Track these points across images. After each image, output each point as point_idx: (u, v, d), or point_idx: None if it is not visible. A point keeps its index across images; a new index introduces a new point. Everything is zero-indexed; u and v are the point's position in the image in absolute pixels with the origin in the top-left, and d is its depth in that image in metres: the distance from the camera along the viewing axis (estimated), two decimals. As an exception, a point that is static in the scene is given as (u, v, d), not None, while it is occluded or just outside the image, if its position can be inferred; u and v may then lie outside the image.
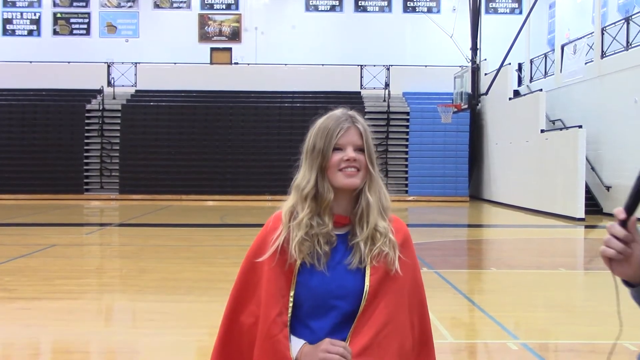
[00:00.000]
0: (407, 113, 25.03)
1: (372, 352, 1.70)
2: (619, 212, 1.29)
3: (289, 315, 1.73)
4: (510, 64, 21.58)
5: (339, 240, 1.77)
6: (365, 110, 24.54)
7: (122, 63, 26.14)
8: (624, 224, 1.28)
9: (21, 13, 28.13)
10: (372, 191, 1.77)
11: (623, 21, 18.13)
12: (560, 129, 19.02)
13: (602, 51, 18.48)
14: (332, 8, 28.34)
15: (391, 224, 1.81)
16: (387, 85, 25.58)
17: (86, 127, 24.77)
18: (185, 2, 28.28)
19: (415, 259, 1.85)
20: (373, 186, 1.78)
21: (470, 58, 19.70)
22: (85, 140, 24.65)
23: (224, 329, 1.86)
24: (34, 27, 28.17)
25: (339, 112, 1.83)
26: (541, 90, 20.17)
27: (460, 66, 21.90)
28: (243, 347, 1.81)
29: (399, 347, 1.73)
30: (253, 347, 1.77)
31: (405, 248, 1.80)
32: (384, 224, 1.77)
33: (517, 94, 23.63)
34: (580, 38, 19.76)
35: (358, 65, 26.19)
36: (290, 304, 1.73)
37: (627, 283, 1.31)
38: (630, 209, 1.28)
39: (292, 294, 1.73)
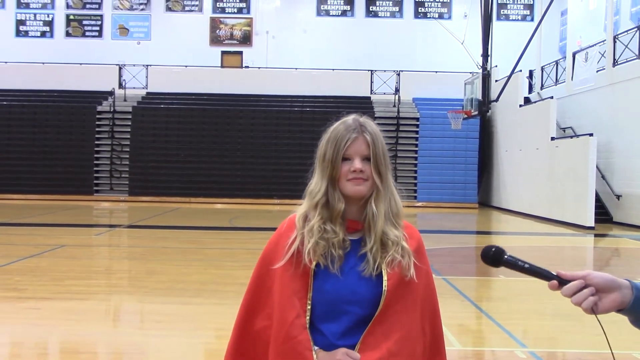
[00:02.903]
0: (417, 119, 25.01)
1: None
2: (554, 285, 1.45)
3: (308, 317, 1.73)
4: (521, 70, 21.52)
5: (353, 245, 1.78)
6: (375, 116, 24.51)
7: (134, 65, 26.27)
8: (565, 282, 1.44)
9: (34, 14, 28.34)
10: (378, 201, 1.77)
11: (635, 29, 18.05)
12: (571, 137, 18.94)
13: (614, 59, 18.40)
14: (344, 13, 28.38)
15: (404, 231, 1.81)
16: (397, 90, 25.57)
17: (97, 129, 24.90)
18: (197, 5, 28.41)
19: (428, 266, 1.85)
20: (380, 196, 1.78)
21: (481, 64, 19.66)
22: (96, 142, 24.77)
23: (238, 332, 1.86)
24: (47, 28, 28.36)
25: (350, 119, 1.83)
26: (552, 97, 20.09)
27: (470, 72, 21.85)
28: (258, 350, 1.81)
29: (411, 354, 1.73)
30: (267, 349, 1.77)
31: (419, 255, 1.81)
32: (395, 232, 1.77)
33: (527, 101, 23.55)
34: (592, 46, 19.69)
35: (368, 70, 26.20)
36: (309, 307, 1.74)
37: (620, 311, 1.43)
38: (553, 277, 1.46)
39: (309, 296, 1.74)
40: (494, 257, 1.55)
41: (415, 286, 1.77)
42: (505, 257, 1.54)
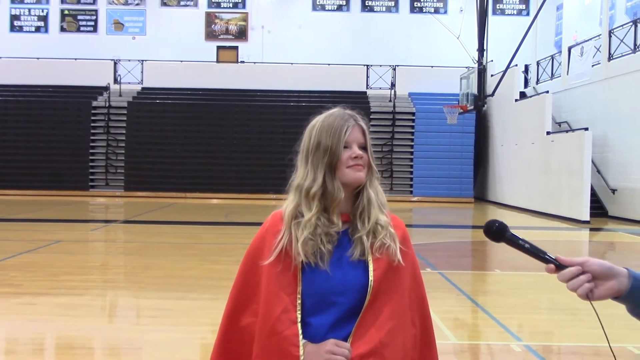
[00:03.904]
0: (413, 113, 25.01)
1: (377, 351, 1.70)
2: (551, 269, 1.44)
3: (299, 311, 1.72)
4: (516, 65, 21.53)
5: (340, 237, 1.77)
6: (371, 110, 24.52)
7: (129, 60, 26.20)
8: (563, 267, 1.43)
9: (29, 9, 28.22)
10: (372, 187, 1.79)
11: (631, 24, 18.08)
12: (567, 131, 18.98)
13: (610, 53, 18.42)
14: (339, 8, 28.33)
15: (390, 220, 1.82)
16: (393, 85, 25.57)
17: (92, 124, 24.84)
18: (192, 0, 28.32)
19: (414, 256, 1.85)
20: (373, 183, 1.80)
21: (477, 59, 19.68)
22: (91, 137, 24.71)
23: (224, 329, 1.84)
24: (42, 23, 28.25)
25: (339, 110, 1.83)
26: (547, 92, 20.12)
27: (466, 67, 21.86)
28: (244, 346, 1.79)
29: (401, 345, 1.73)
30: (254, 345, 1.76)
31: (405, 245, 1.81)
32: (384, 218, 1.78)
33: (523, 95, 23.57)
34: (588, 40, 19.71)
35: (364, 65, 26.18)
36: (299, 301, 1.73)
37: (617, 299, 1.42)
38: (551, 260, 1.45)
39: (299, 290, 1.73)
40: (496, 232, 1.55)
41: (403, 275, 1.78)
42: (508, 234, 1.54)
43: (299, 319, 1.72)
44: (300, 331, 1.71)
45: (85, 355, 5.08)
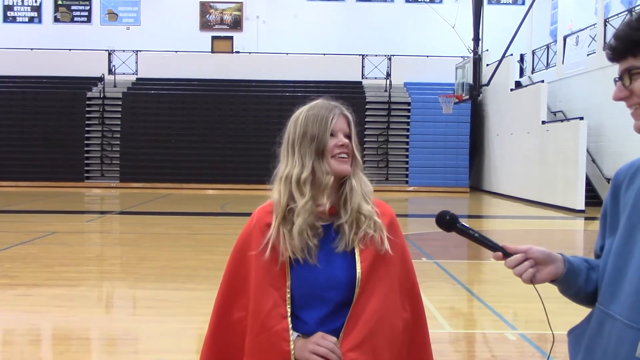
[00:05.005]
0: (409, 103, 24.99)
1: (366, 342, 1.71)
2: (498, 256, 1.55)
3: (288, 306, 1.73)
4: (512, 54, 21.51)
5: (325, 230, 1.78)
6: (367, 100, 24.50)
7: (123, 51, 26.07)
8: (509, 254, 1.54)
9: (22, 0, 28.03)
10: (356, 177, 1.80)
11: (626, 12, 18.06)
12: (562, 121, 19.00)
13: (605, 42, 18.41)
14: (334, -3, 28.21)
15: (376, 208, 1.82)
16: (388, 75, 25.52)
17: (87, 115, 24.75)
18: (186, -10, 28.17)
19: (403, 241, 1.86)
20: (357, 172, 1.81)
21: (472, 48, 19.67)
22: (86, 128, 24.63)
23: (215, 324, 1.85)
24: (35, 14, 28.07)
25: (323, 101, 1.84)
26: (543, 81, 20.12)
27: (462, 57, 21.84)
28: (235, 340, 1.80)
29: (390, 331, 1.75)
30: (244, 340, 1.77)
31: (393, 230, 1.82)
32: (368, 208, 1.78)
33: (518, 85, 23.57)
34: (583, 29, 19.69)
35: (359, 54, 26.11)
36: (288, 295, 1.73)
37: (553, 282, 1.55)
38: (498, 248, 1.56)
39: (288, 284, 1.73)
40: (448, 223, 1.65)
41: (392, 262, 1.78)
42: (458, 224, 1.65)
43: (289, 313, 1.73)
44: (290, 326, 1.72)
45: (82, 346, 5.09)
